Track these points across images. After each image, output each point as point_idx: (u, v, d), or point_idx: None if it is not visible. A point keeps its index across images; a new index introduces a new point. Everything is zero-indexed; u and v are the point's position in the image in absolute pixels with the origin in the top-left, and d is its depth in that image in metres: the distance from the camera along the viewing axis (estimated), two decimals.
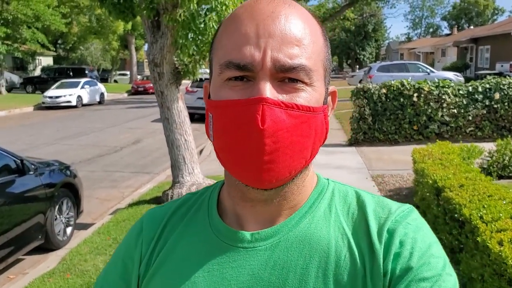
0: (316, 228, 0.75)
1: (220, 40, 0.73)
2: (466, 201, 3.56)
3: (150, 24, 5.69)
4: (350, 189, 0.81)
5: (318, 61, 0.72)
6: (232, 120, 0.68)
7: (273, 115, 0.65)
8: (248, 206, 0.77)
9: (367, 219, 0.74)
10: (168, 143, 6.11)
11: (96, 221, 6.43)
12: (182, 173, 6.09)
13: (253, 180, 0.69)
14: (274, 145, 0.66)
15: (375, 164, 8.60)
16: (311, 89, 0.70)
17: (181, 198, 0.89)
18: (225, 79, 0.70)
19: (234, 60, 0.68)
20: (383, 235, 0.72)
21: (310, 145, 0.71)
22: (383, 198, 0.79)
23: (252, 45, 0.67)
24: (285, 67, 0.67)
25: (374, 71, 21.21)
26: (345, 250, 0.72)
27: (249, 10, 0.71)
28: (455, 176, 4.30)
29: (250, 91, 0.67)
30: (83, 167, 9.73)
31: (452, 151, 5.65)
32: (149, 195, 6.84)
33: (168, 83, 5.82)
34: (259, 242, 0.75)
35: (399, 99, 10.14)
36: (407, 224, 0.72)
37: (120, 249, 0.88)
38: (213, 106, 0.71)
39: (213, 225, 0.80)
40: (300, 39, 0.69)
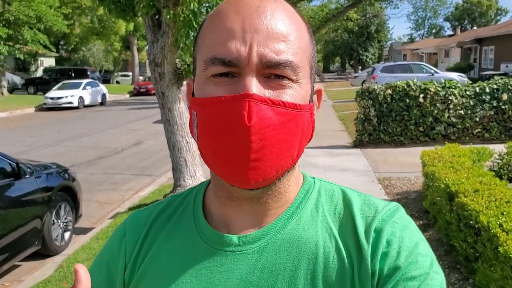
0: (304, 229, 0.74)
1: (204, 35, 0.72)
2: (482, 208, 3.38)
3: (151, 22, 5.52)
4: (336, 187, 0.80)
5: (304, 58, 0.71)
6: (217, 117, 0.66)
7: (260, 112, 0.64)
8: (234, 205, 0.75)
9: (354, 219, 0.73)
10: (169, 146, 5.94)
11: (96, 225, 6.26)
12: (184, 176, 5.91)
13: (240, 179, 0.67)
14: (261, 142, 0.64)
15: (381, 166, 8.42)
16: (297, 86, 0.69)
17: (165, 200, 0.86)
18: (210, 75, 0.68)
19: (219, 56, 0.66)
20: (370, 235, 0.71)
21: (297, 143, 0.69)
22: (369, 196, 0.78)
23: (238, 40, 0.66)
24: (271, 62, 0.66)
25: (377, 72, 21.02)
26: (333, 251, 0.71)
27: (234, 5, 0.69)
28: (469, 180, 4.11)
29: (236, 87, 0.66)
30: (83, 169, 9.57)
31: (462, 153, 5.46)
32: (150, 199, 6.66)
33: (169, 83, 5.64)
34: (246, 245, 0.74)
35: (404, 100, 9.95)
36: (394, 222, 0.72)
37: (103, 253, 0.85)
38: (197, 104, 0.70)
39: (199, 228, 0.78)
40: (286, 34, 0.68)
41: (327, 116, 16.39)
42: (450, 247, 4.16)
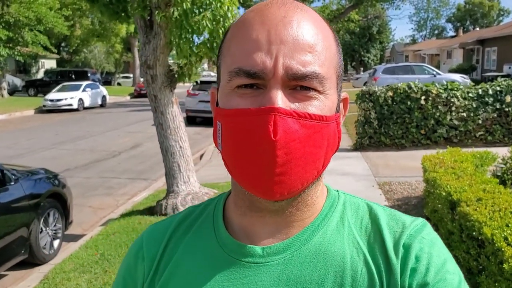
0: (330, 242, 0.73)
1: (229, 45, 0.71)
2: (486, 218, 3.19)
3: (143, 23, 5.35)
4: (361, 201, 0.79)
5: (331, 68, 0.70)
6: (242, 130, 0.65)
7: (285, 126, 0.63)
8: (256, 217, 0.74)
9: (382, 233, 0.72)
10: (162, 150, 5.76)
11: (87, 232, 6.09)
12: (177, 182, 5.73)
13: (264, 192, 0.66)
14: (286, 156, 0.64)
15: (382, 170, 8.22)
16: (324, 97, 0.68)
17: (184, 211, 0.85)
18: (234, 86, 0.67)
19: (244, 67, 0.66)
20: (399, 250, 0.70)
21: (322, 155, 0.68)
22: (394, 211, 0.77)
23: (263, 52, 0.65)
24: (297, 75, 0.65)
25: (379, 73, 20.83)
26: (361, 265, 0.70)
27: (259, 14, 0.68)
28: (471, 188, 3.92)
29: (261, 99, 0.65)
30: (78, 173, 9.42)
31: (465, 158, 5.27)
32: (143, 205, 6.49)
33: (162, 86, 5.47)
34: (270, 256, 0.72)
35: (406, 102, 9.76)
36: (422, 238, 0.71)
37: (120, 270, 0.84)
38: (222, 115, 0.69)
39: (220, 239, 0.76)
40: (313, 45, 0.67)
41: None
42: None
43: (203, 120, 17.05)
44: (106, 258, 4.61)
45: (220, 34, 4.77)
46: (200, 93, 16.50)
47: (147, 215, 5.84)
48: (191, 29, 4.66)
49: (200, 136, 14.53)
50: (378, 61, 55.33)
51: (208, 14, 4.61)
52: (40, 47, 29.53)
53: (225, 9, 4.74)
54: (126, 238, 5.05)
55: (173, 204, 5.65)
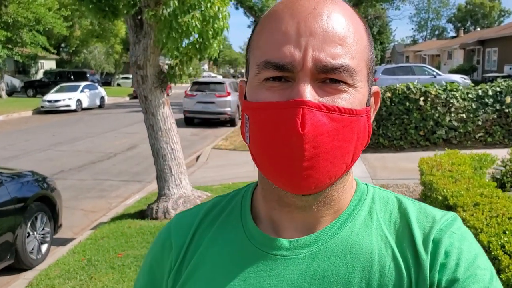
0: (358, 236, 0.71)
1: (258, 38, 0.70)
2: (482, 224, 3.06)
3: (133, 22, 5.22)
4: (390, 194, 0.78)
5: (362, 61, 0.68)
6: (270, 123, 0.65)
7: (314, 119, 0.62)
8: (285, 212, 0.73)
9: (411, 228, 0.71)
10: (153, 153, 5.63)
11: (77, 235, 5.96)
12: (169, 185, 5.60)
13: (292, 186, 0.66)
14: (314, 150, 0.63)
15: (380, 172, 8.09)
16: (354, 91, 0.66)
17: (211, 200, 0.85)
18: (263, 79, 0.67)
19: (273, 60, 0.65)
20: (429, 245, 0.68)
21: (351, 149, 0.67)
22: (425, 205, 0.76)
23: (292, 44, 0.64)
24: (327, 67, 0.64)
25: (379, 74, 20.69)
26: (389, 260, 0.69)
27: (289, 6, 0.67)
28: (469, 192, 3.79)
29: (289, 92, 0.64)
30: (72, 175, 9.30)
31: (463, 161, 5.13)
32: (134, 208, 6.36)
33: (152, 87, 5.33)
34: (298, 250, 0.71)
35: (404, 103, 9.62)
36: (452, 233, 0.69)
37: (147, 258, 0.85)
38: (250, 108, 0.69)
39: (247, 231, 0.76)
40: (343, 37, 0.65)
41: None
42: None
43: (201, 121, 16.93)
44: (93, 264, 4.48)
45: (209, 35, 4.65)
46: (198, 94, 16.38)
47: (137, 219, 5.71)
48: (180, 29, 4.53)
49: (197, 137, 14.41)
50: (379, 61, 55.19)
51: (197, 14, 4.48)
52: (39, 47, 29.45)
53: (215, 9, 4.61)
54: (115, 243, 4.92)
55: (164, 208, 5.52)
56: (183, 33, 4.65)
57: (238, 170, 9.26)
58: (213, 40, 4.90)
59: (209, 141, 13.48)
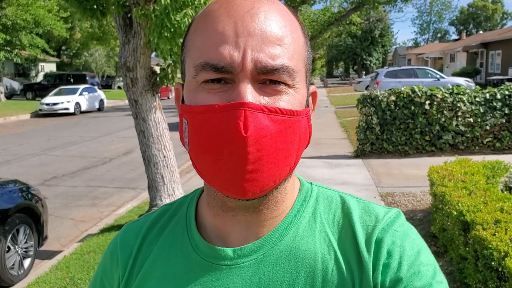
0: (302, 241, 0.71)
1: (193, 38, 0.68)
2: (508, 247, 2.70)
3: (122, 21, 4.88)
4: (334, 194, 0.77)
5: (300, 61, 0.68)
6: (210, 127, 0.62)
7: (257, 121, 0.61)
8: (228, 216, 0.72)
9: (354, 228, 0.71)
10: (145, 160, 5.27)
11: (65, 248, 5.61)
12: (161, 195, 5.24)
13: (236, 191, 0.64)
14: (258, 153, 0.62)
15: (384, 180, 7.73)
16: (294, 92, 0.66)
17: (158, 209, 0.83)
18: (201, 81, 0.65)
19: (211, 61, 0.63)
20: (371, 246, 0.68)
21: (294, 151, 0.67)
22: (369, 203, 0.74)
23: (231, 45, 0.63)
24: (267, 68, 0.63)
25: (381, 77, 20.36)
26: (332, 263, 0.69)
27: (225, 5, 0.66)
28: (487, 207, 3.43)
29: (229, 94, 0.63)
30: (64, 182, 8.95)
31: (476, 170, 4.77)
32: (125, 219, 6.00)
33: (143, 90, 4.98)
34: (242, 258, 0.71)
35: (409, 107, 9.27)
36: (394, 231, 0.69)
37: (98, 271, 0.84)
38: (189, 111, 0.66)
39: (192, 241, 0.75)
40: (281, 37, 0.65)
41: (329, 122, 15.72)
42: (464, 286, 3.48)
43: None
44: (75, 283, 4.12)
45: None
46: None
47: None
48: (172, 28, 4.19)
49: None
50: (380, 64, 54.87)
51: (190, 11, 4.14)
52: (38, 50, 29.17)
53: None
54: (99, 259, 4.55)
55: None
56: (175, 33, 4.30)
57: None
58: None
59: None
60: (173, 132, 12.50)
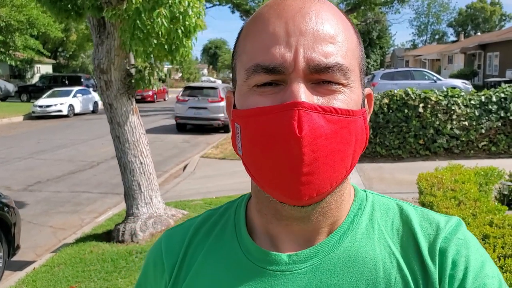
0: (360, 247, 0.68)
1: (244, 43, 0.67)
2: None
3: (96, 22, 4.64)
4: (390, 201, 0.75)
5: (354, 60, 0.66)
6: (264, 129, 0.61)
7: (311, 121, 0.59)
8: (282, 225, 0.70)
9: (416, 236, 0.68)
10: (121, 167, 5.03)
11: (39, 258, 5.37)
12: (137, 204, 5.00)
13: (292, 195, 0.62)
14: (313, 154, 0.60)
15: (376, 185, 7.51)
16: (349, 91, 0.64)
17: (201, 215, 0.82)
18: (253, 85, 0.63)
19: (263, 63, 0.62)
20: (435, 255, 0.66)
21: (350, 153, 0.64)
22: (427, 211, 0.73)
23: (282, 45, 0.61)
24: (320, 66, 0.61)
25: (377, 79, 20.16)
26: (394, 272, 0.66)
27: (275, 8, 0.65)
28: (476, 220, 3.20)
29: (282, 95, 0.61)
30: (48, 187, 8.71)
31: (467, 178, 4.54)
32: (103, 227, 5.75)
33: (118, 93, 4.74)
34: (298, 264, 0.68)
35: (403, 110, 9.03)
36: (458, 240, 0.67)
37: (141, 279, 0.81)
38: (241, 116, 0.65)
39: (243, 246, 0.72)
40: (334, 35, 0.63)
41: None
42: None
43: (193, 127, 16.35)
44: None
45: (180, 34, 4.07)
46: (190, 99, 15.81)
47: (103, 241, 5.09)
48: (145, 29, 3.95)
49: (188, 144, 13.83)
50: (378, 66, 54.72)
51: (164, 11, 3.90)
52: (32, 51, 28.94)
53: (185, 5, 4.02)
54: (70, 272, 4.31)
55: (132, 230, 4.91)
56: (148, 33, 4.07)
57: (225, 181, 8.68)
58: (185, 40, 4.32)
59: (200, 148, 12.91)
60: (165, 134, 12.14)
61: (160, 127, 17.64)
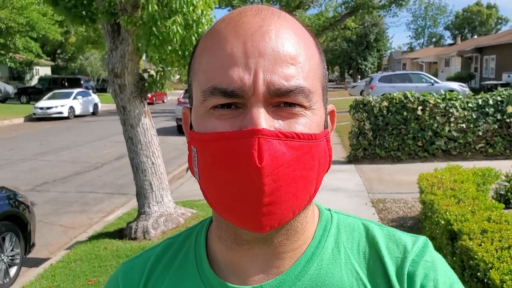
0: (327, 274, 0.66)
1: (200, 60, 0.63)
2: (493, 258, 2.67)
3: (110, 28, 4.85)
4: (356, 221, 0.72)
5: (316, 80, 0.63)
6: (222, 157, 0.58)
7: (272, 150, 0.56)
8: (244, 250, 0.66)
9: (383, 260, 0.66)
10: (133, 167, 5.23)
11: (53, 255, 5.55)
12: (149, 202, 5.20)
13: (252, 226, 0.59)
14: (275, 184, 0.57)
15: (376, 186, 7.71)
16: (311, 113, 0.62)
17: (160, 244, 0.77)
18: (210, 107, 0.60)
19: (220, 86, 0.58)
20: (404, 280, 0.64)
21: (314, 178, 0.61)
22: (393, 231, 0.70)
23: (241, 67, 0.58)
24: (281, 90, 0.58)
25: (375, 82, 20.41)
26: None
27: (232, 24, 0.61)
28: (474, 216, 3.41)
29: (241, 120, 0.58)
30: (55, 187, 8.89)
31: (465, 178, 4.76)
32: (114, 226, 5.94)
33: (131, 96, 4.95)
34: None
35: (402, 112, 9.26)
36: (426, 262, 0.65)
37: None
38: (198, 139, 0.62)
39: (205, 279, 0.68)
40: (294, 56, 0.60)
41: None
42: None
43: None
44: None
45: (193, 41, 4.27)
46: None
47: (116, 239, 5.29)
48: (160, 36, 4.15)
49: None
50: (376, 69, 55.02)
51: (178, 19, 4.10)
52: (32, 53, 29.07)
53: (198, 13, 4.23)
54: (86, 267, 4.51)
55: (144, 227, 5.11)
56: (164, 40, 4.27)
57: None
58: None
59: None
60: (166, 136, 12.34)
61: (161, 129, 17.80)
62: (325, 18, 24.16)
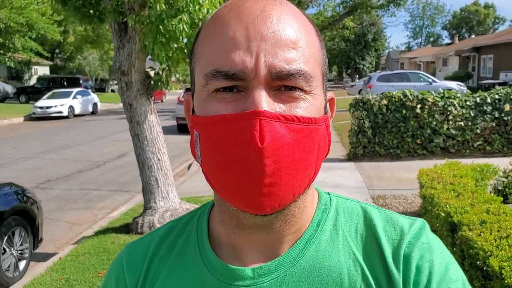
0: (325, 256, 0.67)
1: (202, 46, 0.64)
2: (492, 247, 2.79)
3: (117, 27, 4.95)
4: (354, 204, 0.73)
5: (316, 65, 0.64)
6: (224, 139, 0.59)
7: (273, 131, 0.57)
8: (245, 234, 0.68)
9: (379, 242, 0.67)
10: (139, 163, 5.34)
11: (59, 250, 5.65)
12: (155, 198, 5.31)
13: (253, 206, 0.60)
14: (275, 165, 0.58)
15: (376, 182, 7.83)
16: (311, 98, 0.62)
17: (163, 227, 0.78)
18: (212, 90, 0.61)
19: (222, 68, 0.59)
20: (400, 261, 0.65)
21: (313, 161, 0.62)
22: (391, 214, 0.71)
23: (243, 50, 0.59)
24: (282, 73, 0.59)
25: (374, 81, 20.53)
26: (359, 280, 0.65)
27: (235, 10, 0.62)
28: (474, 208, 3.53)
29: (243, 103, 0.59)
30: (58, 185, 8.98)
31: (464, 173, 4.88)
32: (120, 221, 6.05)
33: (138, 94, 5.05)
34: (262, 278, 0.66)
35: (401, 110, 9.38)
36: (422, 244, 0.67)
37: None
38: (200, 123, 0.62)
39: (206, 260, 0.70)
40: (296, 41, 0.61)
41: None
42: None
43: None
44: (71, 284, 4.17)
45: None
46: None
47: (122, 233, 5.40)
48: (167, 34, 4.26)
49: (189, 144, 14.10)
50: (374, 68, 55.17)
51: (185, 17, 4.21)
52: (31, 53, 29.11)
53: (204, 12, 4.34)
54: (96, 260, 4.62)
55: (150, 222, 5.22)
56: (170, 38, 4.37)
57: None
58: None
59: None
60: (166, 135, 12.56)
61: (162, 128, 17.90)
62: (324, 17, 24.31)
